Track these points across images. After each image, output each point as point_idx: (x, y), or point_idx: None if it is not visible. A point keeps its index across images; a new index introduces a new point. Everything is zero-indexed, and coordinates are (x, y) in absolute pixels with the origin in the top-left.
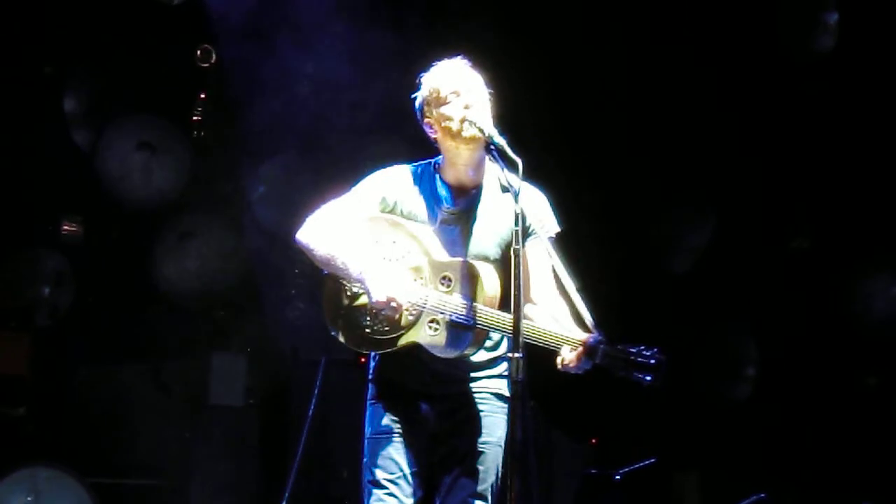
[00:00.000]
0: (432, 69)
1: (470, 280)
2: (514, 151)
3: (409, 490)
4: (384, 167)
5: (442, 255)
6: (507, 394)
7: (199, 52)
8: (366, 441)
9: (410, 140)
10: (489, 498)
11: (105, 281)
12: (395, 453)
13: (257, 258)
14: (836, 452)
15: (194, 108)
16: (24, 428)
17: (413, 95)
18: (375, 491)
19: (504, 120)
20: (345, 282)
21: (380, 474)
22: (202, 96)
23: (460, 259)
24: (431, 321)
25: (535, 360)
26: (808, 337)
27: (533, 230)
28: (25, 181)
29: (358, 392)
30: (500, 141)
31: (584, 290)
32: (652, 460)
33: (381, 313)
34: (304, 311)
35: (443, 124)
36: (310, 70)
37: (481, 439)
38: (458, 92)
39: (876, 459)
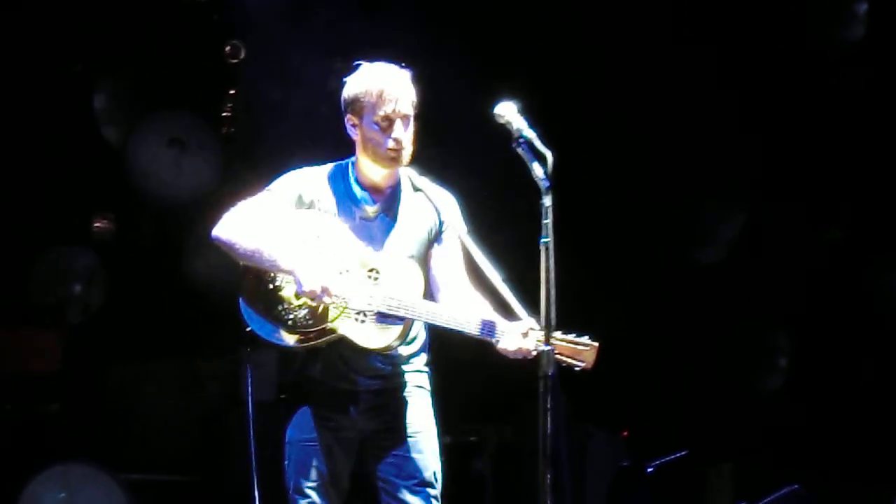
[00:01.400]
0: (374, 73)
1: (396, 273)
2: (544, 144)
3: (332, 494)
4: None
5: (367, 250)
6: (428, 387)
7: (227, 48)
8: (290, 445)
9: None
10: (435, 483)
11: (137, 278)
12: (319, 461)
13: None
14: (870, 444)
15: (224, 104)
16: (57, 425)
17: (348, 80)
18: (298, 497)
19: (535, 111)
20: (266, 275)
21: (302, 482)
22: (231, 92)
23: (386, 253)
24: (359, 313)
25: None
26: (840, 328)
27: (446, 227)
28: (56, 179)
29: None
30: (530, 134)
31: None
32: (684, 453)
33: (310, 304)
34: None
35: (367, 139)
36: (339, 65)
37: (413, 429)
38: (392, 118)
39: None
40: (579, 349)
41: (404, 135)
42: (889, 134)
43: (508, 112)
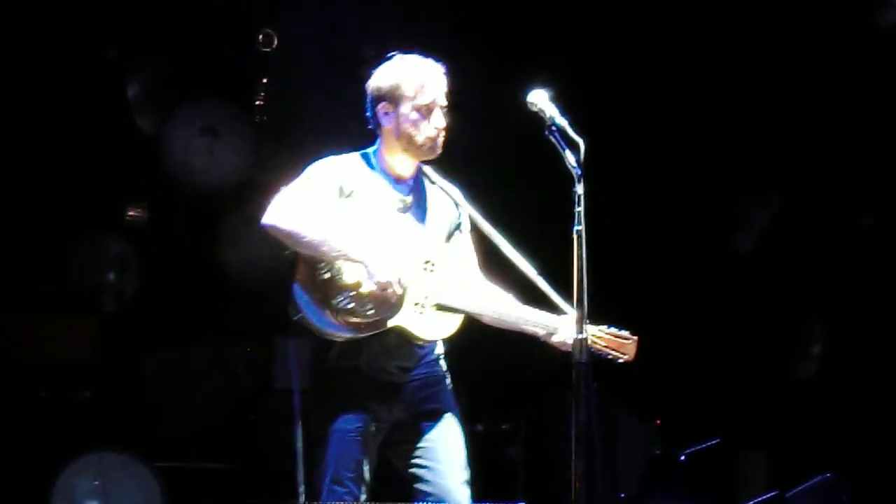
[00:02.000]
0: (410, 63)
1: (450, 264)
2: (576, 132)
3: (363, 488)
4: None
5: (421, 240)
6: (446, 373)
7: (260, 37)
8: (332, 435)
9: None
10: (467, 468)
11: (170, 266)
12: (359, 453)
13: None
14: None
15: (257, 93)
16: (90, 413)
17: (382, 68)
18: (336, 488)
19: (565, 101)
20: (322, 264)
21: (341, 472)
22: (264, 80)
23: (441, 242)
24: (416, 304)
25: None
26: (874, 315)
27: (464, 222)
28: (90, 167)
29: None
30: (562, 122)
31: (649, 271)
32: (716, 441)
33: (375, 294)
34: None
35: (405, 130)
36: (372, 53)
37: (446, 417)
38: (431, 108)
39: None
40: (622, 342)
41: (442, 124)
42: None
43: (541, 100)
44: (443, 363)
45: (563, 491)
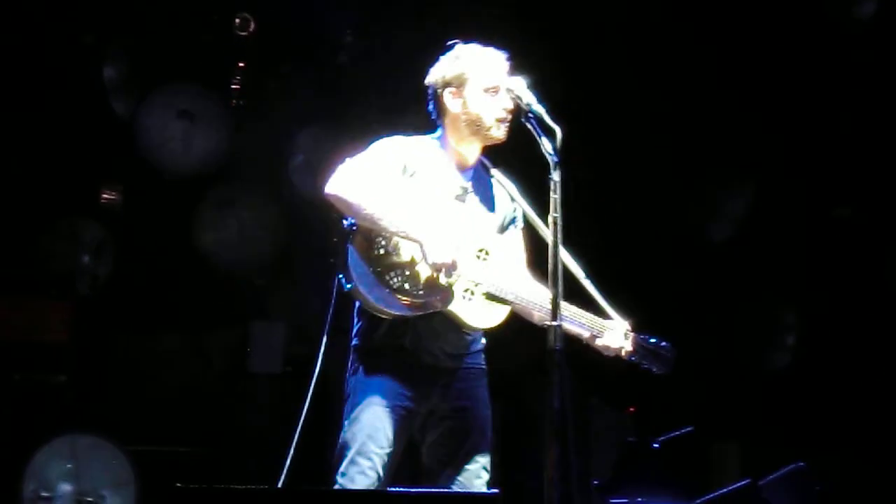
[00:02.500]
0: (474, 49)
1: (504, 254)
2: (553, 119)
3: (387, 466)
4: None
5: (477, 227)
6: (485, 366)
7: (237, 21)
8: (367, 407)
9: None
10: (489, 467)
11: (145, 250)
12: (391, 429)
13: (296, 226)
14: (877, 423)
15: (233, 77)
16: (64, 396)
17: (447, 55)
18: (361, 461)
19: (539, 89)
20: (380, 238)
21: (370, 446)
22: (241, 65)
23: (495, 233)
24: (466, 290)
25: None
26: (848, 306)
27: (518, 216)
28: (65, 150)
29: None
30: (539, 109)
31: (622, 262)
32: (690, 429)
33: (428, 275)
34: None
35: (475, 112)
36: (349, 42)
37: (481, 412)
38: (498, 89)
39: None
40: (661, 354)
41: (509, 106)
42: None
43: (518, 87)
44: (481, 356)
45: (537, 478)
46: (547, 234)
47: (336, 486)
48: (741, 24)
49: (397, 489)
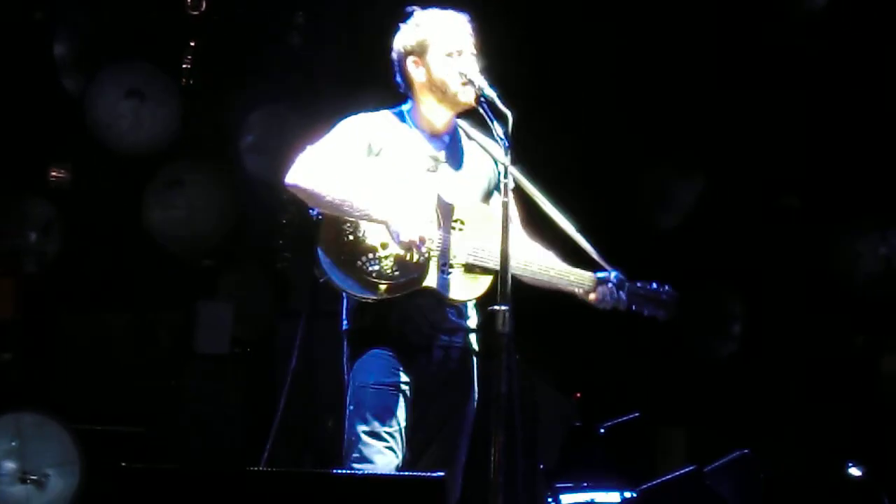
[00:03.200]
0: (433, 14)
1: (482, 223)
2: (504, 104)
3: (401, 445)
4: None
5: (450, 198)
6: (478, 348)
7: (189, 0)
8: (365, 389)
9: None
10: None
11: (93, 228)
12: (396, 407)
13: (246, 207)
14: (822, 411)
15: (184, 56)
16: (10, 374)
17: (406, 24)
18: (374, 442)
19: (488, 73)
20: (346, 225)
21: (378, 426)
22: (192, 44)
23: (470, 202)
24: (444, 264)
25: (519, 313)
26: (795, 295)
27: (504, 178)
28: (14, 127)
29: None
30: (491, 93)
31: (572, 245)
32: (636, 415)
33: (400, 255)
34: (292, 261)
35: (438, 77)
36: (300, 22)
37: (468, 394)
38: (461, 51)
39: (861, 418)
40: (661, 300)
41: (475, 68)
42: (848, 102)
43: (470, 71)
44: (474, 338)
45: (483, 462)
46: (536, 195)
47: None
48: (691, 14)
49: (341, 471)
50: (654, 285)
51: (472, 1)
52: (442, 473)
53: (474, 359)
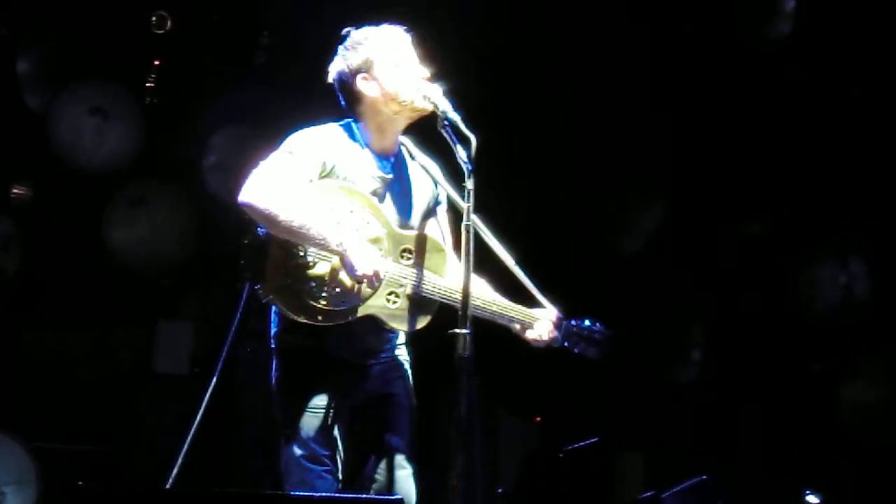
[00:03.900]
0: (370, 30)
1: (428, 253)
2: (468, 127)
3: (340, 467)
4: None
5: (399, 227)
6: (409, 359)
7: (153, 19)
8: (301, 411)
9: None
10: (414, 459)
11: (54, 246)
12: (332, 429)
13: (207, 226)
14: (780, 438)
15: (148, 75)
16: None
17: (345, 46)
18: (314, 467)
19: (450, 95)
20: (297, 249)
21: (318, 450)
22: (156, 62)
23: (417, 232)
24: (391, 293)
25: (479, 336)
26: (754, 322)
27: (442, 200)
28: None
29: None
30: (455, 117)
31: (533, 269)
32: (595, 439)
33: (350, 286)
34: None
35: (392, 89)
36: (265, 42)
37: (406, 405)
38: (411, 61)
39: (819, 445)
40: (593, 339)
41: (425, 72)
42: (811, 128)
43: (434, 94)
44: (405, 350)
45: (442, 485)
46: (478, 224)
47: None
48: (656, 41)
49: (300, 493)
50: (587, 323)
51: (426, 21)
52: (400, 496)
53: (409, 369)
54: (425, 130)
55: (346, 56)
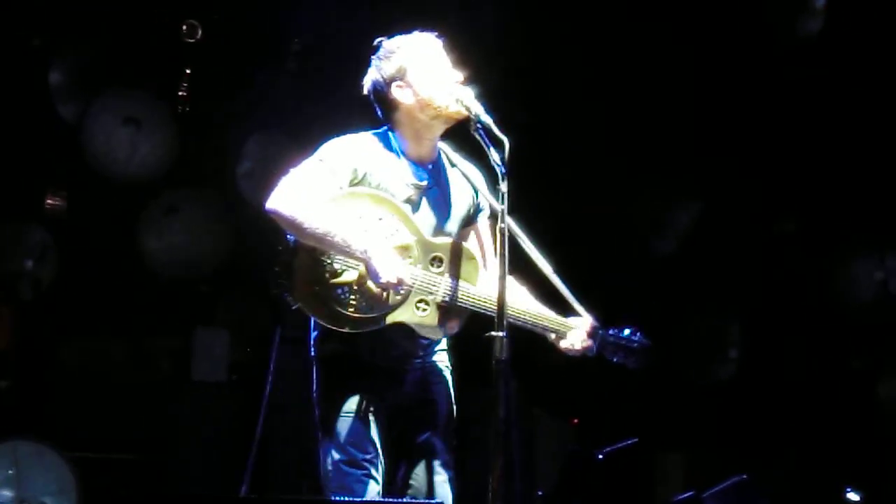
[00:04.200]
0: (402, 38)
1: (460, 261)
2: (501, 130)
3: (382, 470)
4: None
5: (430, 235)
6: (450, 365)
7: (184, 27)
8: (338, 417)
9: None
10: (451, 465)
11: (89, 255)
12: (370, 433)
13: (242, 233)
14: (820, 435)
15: (180, 83)
16: (6, 401)
17: (378, 55)
18: (352, 471)
19: (484, 99)
20: (324, 257)
21: (356, 454)
22: (188, 71)
23: (450, 240)
24: (420, 301)
25: (517, 339)
26: (792, 319)
27: (483, 207)
28: (10, 154)
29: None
30: (487, 120)
31: (567, 272)
32: (634, 440)
33: (377, 293)
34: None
35: (426, 94)
36: (297, 48)
37: (444, 411)
38: (443, 66)
39: (859, 443)
40: (633, 349)
41: (459, 76)
42: (843, 127)
43: (467, 98)
44: (447, 356)
45: (481, 488)
46: (518, 232)
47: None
48: (688, 41)
49: (339, 498)
50: (627, 332)
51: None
52: (441, 501)
53: (449, 376)
54: (461, 135)
55: (380, 66)
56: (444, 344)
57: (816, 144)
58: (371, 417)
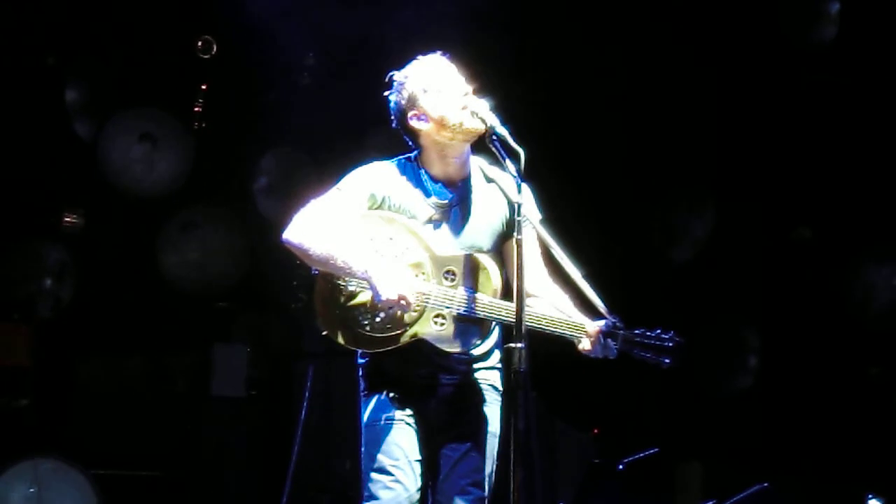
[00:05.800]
0: (410, 67)
1: (474, 273)
2: (516, 141)
3: (413, 477)
4: (379, 159)
5: (442, 250)
6: (500, 386)
7: (199, 44)
8: (365, 428)
9: None
10: (486, 487)
11: (107, 273)
12: (399, 439)
13: (259, 249)
14: (839, 443)
15: (196, 100)
16: (26, 419)
17: (392, 90)
18: (380, 477)
19: (499, 110)
20: (340, 281)
21: (384, 460)
22: (203, 87)
23: (463, 253)
24: (437, 316)
25: (536, 349)
26: (810, 327)
27: (525, 219)
28: (27, 173)
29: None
30: (503, 131)
31: (586, 279)
32: (655, 450)
33: (388, 311)
34: (306, 302)
35: (438, 115)
36: (310, 63)
37: (481, 429)
38: (453, 84)
39: (879, 450)
40: (662, 347)
41: (468, 89)
42: (859, 133)
43: (481, 109)
44: (491, 371)
45: (502, 499)
46: (546, 237)
47: None
48: (705, 51)
49: None
50: (657, 332)
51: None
52: None
53: (493, 395)
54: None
55: (395, 99)
56: (493, 362)
57: (834, 152)
58: (400, 425)
